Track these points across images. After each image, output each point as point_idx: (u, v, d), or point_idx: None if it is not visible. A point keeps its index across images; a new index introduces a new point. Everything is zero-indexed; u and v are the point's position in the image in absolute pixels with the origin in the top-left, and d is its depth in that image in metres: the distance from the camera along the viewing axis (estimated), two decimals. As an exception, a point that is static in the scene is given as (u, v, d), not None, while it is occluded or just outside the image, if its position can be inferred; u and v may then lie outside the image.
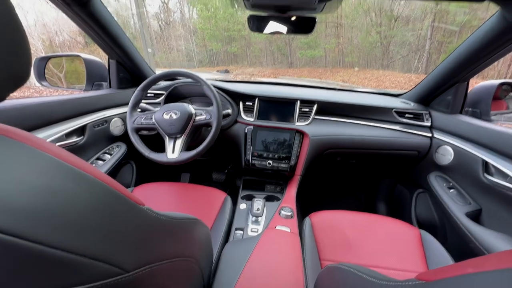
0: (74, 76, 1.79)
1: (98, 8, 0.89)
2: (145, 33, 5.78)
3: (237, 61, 18.17)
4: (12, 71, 0.25)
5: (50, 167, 0.23)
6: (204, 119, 0.98)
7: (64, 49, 13.96)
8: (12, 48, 0.25)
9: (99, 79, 1.22)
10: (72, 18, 0.89)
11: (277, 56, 16.47)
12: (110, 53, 1.11)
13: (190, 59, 20.04)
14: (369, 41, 12.13)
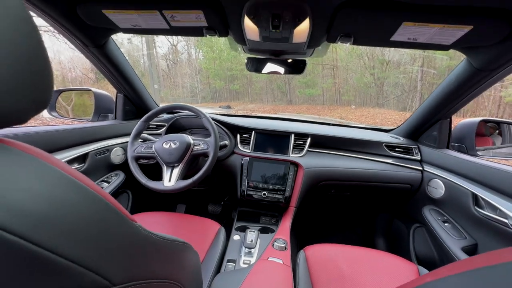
0: (81, 109, 1.89)
1: (112, 49, 1.00)
2: (153, 71, 6.18)
3: (238, 98, 19.00)
4: (36, 97, 0.30)
5: (55, 178, 0.27)
6: (201, 149, 1.02)
7: (75, 84, 14.81)
8: (39, 76, 0.30)
9: (106, 111, 1.30)
10: (87, 57, 1.00)
11: (277, 93, 17.28)
12: (119, 88, 1.20)
13: (194, 96, 20.98)
14: (363, 82, 12.84)
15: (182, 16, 0.73)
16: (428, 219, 1.07)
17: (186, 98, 21.11)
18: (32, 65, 0.29)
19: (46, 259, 0.22)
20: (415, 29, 0.68)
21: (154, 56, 12.84)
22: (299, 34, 0.76)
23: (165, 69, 20.54)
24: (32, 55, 0.29)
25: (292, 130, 1.29)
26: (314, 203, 1.55)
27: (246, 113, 10.09)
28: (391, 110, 11.25)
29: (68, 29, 0.81)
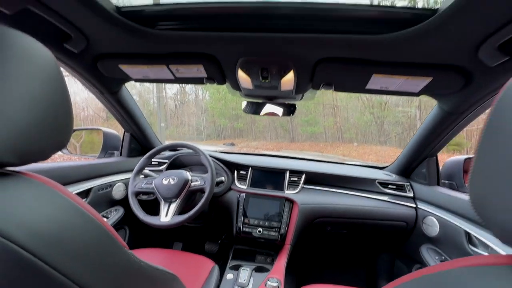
0: (89, 146, 2.00)
1: (123, 95, 1.14)
2: (161, 111, 6.55)
3: (242, 136, 19.48)
4: (58, 139, 0.38)
5: (66, 207, 0.33)
6: (198, 185, 1.07)
7: (87, 123, 15.60)
8: (62, 123, 0.38)
9: (113, 148, 1.40)
10: (101, 101, 1.12)
11: (279, 131, 17.73)
12: (126, 127, 1.31)
13: (199, 133, 21.59)
14: (364, 120, 13.20)
15: (185, 69, 0.86)
16: (426, 258, 1.05)
17: (192, 136, 21.70)
18: (58, 114, 0.37)
19: (47, 274, 0.27)
20: (384, 80, 0.78)
21: (163, 97, 13.70)
22: (286, 83, 0.87)
23: (173, 109, 21.58)
24: (59, 106, 0.38)
25: (288, 167, 1.34)
26: (311, 241, 1.52)
27: (249, 151, 10.16)
28: (393, 147, 11.33)
29: (88, 80, 0.95)
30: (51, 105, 0.36)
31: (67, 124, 0.40)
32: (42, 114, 0.34)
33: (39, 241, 0.27)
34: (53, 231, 0.29)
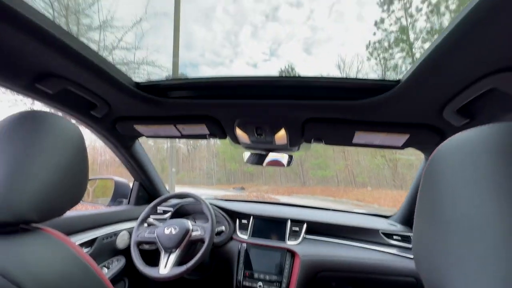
0: (101, 191, 2.11)
1: (136, 148, 1.26)
2: (173, 157, 6.80)
3: (252, 180, 19.38)
4: (73, 198, 0.46)
5: (70, 259, 0.39)
6: (198, 235, 1.09)
7: (103, 167, 16.23)
8: (78, 185, 0.47)
9: (122, 196, 1.47)
10: (115, 153, 1.25)
11: (290, 175, 17.56)
12: (135, 176, 1.41)
13: (210, 177, 21.71)
14: (376, 163, 12.97)
15: (190, 128, 0.98)
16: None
17: (202, 180, 21.79)
18: (76, 178, 0.46)
19: None
20: (367, 136, 0.86)
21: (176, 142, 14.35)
22: (279, 138, 0.96)
23: (185, 153, 22.27)
24: (78, 172, 0.47)
25: (289, 216, 1.35)
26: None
27: (260, 195, 9.98)
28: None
29: (107, 137, 1.08)
30: (72, 172, 0.45)
31: (83, 186, 0.48)
32: (64, 179, 0.43)
33: (39, 286, 0.33)
34: (54, 279, 0.35)
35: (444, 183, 0.25)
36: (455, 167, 0.25)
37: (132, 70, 6.32)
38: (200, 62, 25.87)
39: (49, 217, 0.42)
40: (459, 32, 0.43)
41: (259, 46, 27.72)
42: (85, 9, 5.51)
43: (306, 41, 27.43)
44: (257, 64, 27.71)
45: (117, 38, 5.91)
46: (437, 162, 0.28)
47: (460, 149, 0.25)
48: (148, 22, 6.22)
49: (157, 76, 6.76)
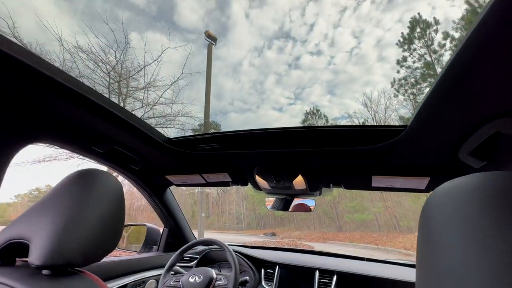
0: (135, 236, 2.21)
1: (166, 196, 1.37)
2: (202, 202, 6.93)
3: (283, 224, 18.40)
4: (109, 246, 0.53)
5: None
6: (222, 284, 1.08)
7: (138, 212, 16.96)
8: (114, 234, 0.54)
9: (153, 243, 1.54)
10: (148, 201, 1.36)
11: (324, 219, 16.38)
12: (165, 223, 1.49)
13: (239, 222, 21.16)
14: (420, 204, 11.61)
15: (214, 176, 1.07)
16: None
17: (232, 225, 21.29)
18: (114, 226, 0.54)
19: None
20: (385, 179, 0.85)
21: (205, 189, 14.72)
22: (297, 184, 0.99)
23: (215, 197, 22.42)
24: (116, 221, 0.55)
25: (317, 266, 1.27)
26: None
27: (292, 242, 9.33)
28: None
29: (142, 186, 1.21)
30: (112, 221, 0.53)
31: (120, 233, 0.56)
32: (105, 227, 0.51)
33: None
34: None
35: (436, 231, 0.26)
36: (445, 216, 0.26)
37: (169, 122, 7.04)
38: (229, 109, 27.88)
39: (91, 262, 0.49)
40: (450, 79, 0.46)
41: (283, 91, 29.32)
42: (133, 75, 6.57)
43: (329, 83, 28.44)
44: (282, 108, 28.93)
45: (158, 95, 6.80)
46: (429, 210, 0.28)
47: (449, 198, 0.26)
48: (184, 80, 7.12)
49: (190, 125, 7.41)
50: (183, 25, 22.91)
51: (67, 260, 0.44)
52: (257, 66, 28.84)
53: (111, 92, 6.28)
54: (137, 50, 6.65)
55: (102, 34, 6.11)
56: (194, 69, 8.18)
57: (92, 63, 6.02)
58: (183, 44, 7.23)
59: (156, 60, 6.64)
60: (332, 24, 27.33)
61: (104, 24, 6.11)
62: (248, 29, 27.98)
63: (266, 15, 28.01)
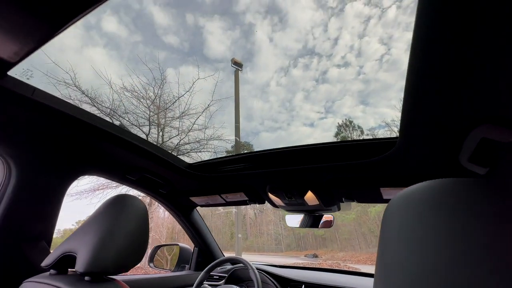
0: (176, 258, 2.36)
1: (194, 216, 1.48)
2: (238, 222, 7.00)
3: (325, 245, 17.31)
4: (136, 258, 0.63)
5: None
6: (245, 302, 1.11)
7: (180, 234, 17.61)
8: (140, 247, 0.65)
9: (185, 262, 1.64)
10: (177, 221, 1.49)
11: (370, 238, 15.04)
12: (195, 242, 1.59)
13: (278, 243, 20.54)
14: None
15: (232, 196, 1.15)
16: None
17: (271, 246, 20.73)
18: (140, 241, 0.65)
19: None
20: (394, 191, 0.83)
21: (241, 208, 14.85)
22: (310, 200, 1.02)
23: (252, 217, 22.27)
24: (142, 237, 0.65)
25: (347, 286, 1.22)
26: None
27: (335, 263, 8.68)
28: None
29: (171, 208, 1.35)
30: (139, 238, 0.64)
31: (144, 248, 0.66)
32: (133, 243, 0.62)
33: None
34: None
35: (388, 232, 0.30)
36: (395, 218, 0.30)
37: (202, 146, 7.47)
38: (260, 129, 28.45)
39: (121, 271, 0.60)
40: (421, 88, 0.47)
41: (313, 106, 29.05)
42: (169, 106, 7.26)
43: (361, 93, 27.40)
44: (313, 123, 28.52)
45: (191, 123, 7.34)
46: (387, 212, 0.32)
47: (403, 202, 0.30)
48: (215, 106, 7.61)
49: (222, 148, 7.76)
50: (212, 56, 24.86)
51: (102, 268, 0.55)
52: (284, 85, 29.37)
53: (151, 124, 6.98)
54: (172, 84, 7.41)
55: (143, 74, 6.99)
56: (224, 94, 8.75)
57: (135, 100, 6.84)
58: (212, 73, 7.82)
59: (188, 91, 7.27)
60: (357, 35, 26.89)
61: (144, 65, 7.00)
62: (272, 52, 29.04)
63: (289, 36, 28.85)
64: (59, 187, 0.86)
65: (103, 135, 0.76)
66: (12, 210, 0.76)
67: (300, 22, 28.74)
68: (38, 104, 0.64)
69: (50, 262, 0.61)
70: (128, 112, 6.62)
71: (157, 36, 21.34)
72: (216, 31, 25.01)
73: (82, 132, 0.75)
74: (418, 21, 0.37)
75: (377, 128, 22.19)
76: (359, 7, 25.71)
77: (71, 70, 5.73)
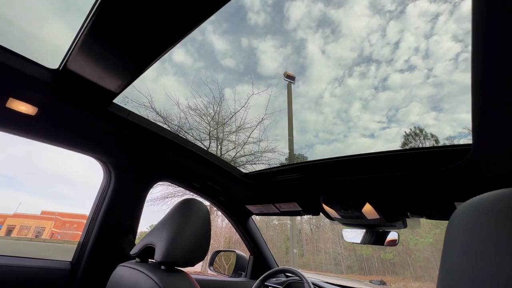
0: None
1: (250, 224, 1.55)
2: (293, 237, 6.86)
3: (395, 271, 15.11)
4: (200, 255, 0.72)
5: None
6: (300, 316, 1.09)
7: (236, 244, 18.17)
8: (203, 246, 0.73)
9: (241, 269, 1.71)
10: (235, 229, 1.57)
11: (454, 269, 12.42)
12: (250, 250, 1.65)
13: (338, 263, 18.97)
14: None
15: (285, 205, 1.17)
16: None
17: (329, 266, 19.29)
18: (203, 240, 0.73)
19: None
20: None
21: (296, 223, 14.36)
22: (368, 213, 0.95)
23: (309, 233, 21.28)
24: (205, 236, 0.74)
25: None
26: None
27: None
28: None
29: (229, 215, 1.45)
30: (203, 237, 0.73)
31: (207, 246, 0.75)
32: (198, 241, 0.71)
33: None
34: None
35: (454, 241, 0.28)
36: (463, 229, 0.28)
37: (257, 158, 7.72)
38: (315, 142, 27.56)
39: (188, 265, 0.69)
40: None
41: (373, 116, 26.63)
42: (227, 121, 7.82)
43: (431, 99, 23.78)
44: (374, 134, 26.02)
45: (247, 136, 7.71)
46: (453, 222, 0.30)
47: (471, 212, 0.28)
48: (268, 119, 7.84)
49: (276, 160, 7.86)
50: (266, 73, 25.86)
51: (173, 259, 0.65)
52: (339, 96, 28.04)
53: (211, 138, 7.62)
54: (229, 100, 7.99)
55: (204, 94, 7.79)
56: (277, 108, 8.93)
57: (198, 117, 7.63)
58: (266, 89, 8.14)
59: (243, 107, 7.71)
60: (422, 35, 23.90)
61: (205, 86, 7.81)
62: (325, 63, 28.30)
63: (343, 46, 27.71)
64: (142, 191, 1.05)
65: (175, 147, 0.91)
66: (111, 208, 0.97)
67: (355, 31, 27.42)
68: (132, 123, 0.82)
69: (136, 252, 0.75)
70: (192, 128, 7.41)
71: (216, 61, 23.63)
72: (268, 50, 26.09)
73: (160, 145, 0.91)
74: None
75: (457, 137, 18.73)
76: (423, 6, 22.98)
77: (149, 95, 6.85)
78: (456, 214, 0.30)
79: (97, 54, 0.61)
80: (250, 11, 25.61)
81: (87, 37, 0.58)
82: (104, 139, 0.89)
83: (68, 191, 35.60)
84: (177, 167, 1.04)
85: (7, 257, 0.83)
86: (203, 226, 0.74)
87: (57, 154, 43.98)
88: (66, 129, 0.83)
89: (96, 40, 0.58)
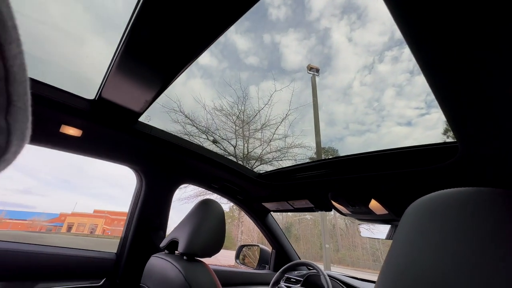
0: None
1: (269, 220, 1.64)
2: (325, 232, 6.78)
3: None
4: (218, 246, 0.83)
5: (211, 277, 0.73)
6: (317, 306, 1.16)
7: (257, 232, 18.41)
8: (219, 240, 0.85)
9: (265, 262, 1.82)
10: (256, 224, 1.68)
11: None
12: (272, 244, 1.74)
13: (376, 259, 18.18)
14: None
15: (298, 203, 1.24)
16: None
17: (367, 262, 18.59)
18: (217, 235, 0.85)
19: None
20: None
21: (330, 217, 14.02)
22: (376, 209, 0.98)
23: (343, 228, 20.66)
24: (219, 232, 0.86)
25: None
26: None
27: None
28: None
29: (248, 212, 1.56)
30: (217, 231, 0.84)
31: (222, 240, 0.86)
32: (214, 235, 0.83)
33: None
34: (205, 284, 0.68)
35: (405, 235, 0.30)
36: (413, 223, 0.30)
37: (283, 155, 7.75)
38: (345, 134, 26.33)
39: (206, 256, 0.81)
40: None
41: (409, 102, 24.54)
42: (252, 119, 7.96)
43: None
44: (411, 122, 23.99)
45: (272, 133, 7.77)
46: (406, 217, 0.32)
47: (422, 210, 0.31)
48: (293, 115, 7.80)
49: (303, 155, 7.81)
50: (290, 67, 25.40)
51: (193, 251, 0.77)
52: (370, 84, 26.33)
53: (237, 137, 7.84)
54: (254, 99, 8.10)
55: (229, 94, 8.03)
56: (302, 103, 8.83)
57: (224, 117, 7.89)
58: (288, 84, 8.07)
59: (267, 104, 7.77)
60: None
61: (230, 87, 8.04)
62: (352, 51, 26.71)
63: (371, 31, 25.82)
64: (169, 193, 1.20)
65: (194, 155, 1.05)
66: (144, 208, 1.14)
67: (384, 13, 25.35)
68: (155, 138, 0.97)
69: (164, 244, 0.90)
70: (219, 129, 7.69)
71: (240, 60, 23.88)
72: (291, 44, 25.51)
73: (181, 153, 1.05)
74: None
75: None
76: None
77: (177, 99, 7.28)
78: (407, 211, 0.34)
79: (124, 82, 0.75)
80: (270, 6, 25.21)
81: (117, 68, 0.69)
82: (133, 151, 1.05)
83: (115, 192, 39.37)
84: (197, 171, 1.18)
85: (67, 248, 1.04)
86: (218, 223, 0.85)
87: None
88: (104, 146, 1.01)
89: (124, 68, 0.68)
